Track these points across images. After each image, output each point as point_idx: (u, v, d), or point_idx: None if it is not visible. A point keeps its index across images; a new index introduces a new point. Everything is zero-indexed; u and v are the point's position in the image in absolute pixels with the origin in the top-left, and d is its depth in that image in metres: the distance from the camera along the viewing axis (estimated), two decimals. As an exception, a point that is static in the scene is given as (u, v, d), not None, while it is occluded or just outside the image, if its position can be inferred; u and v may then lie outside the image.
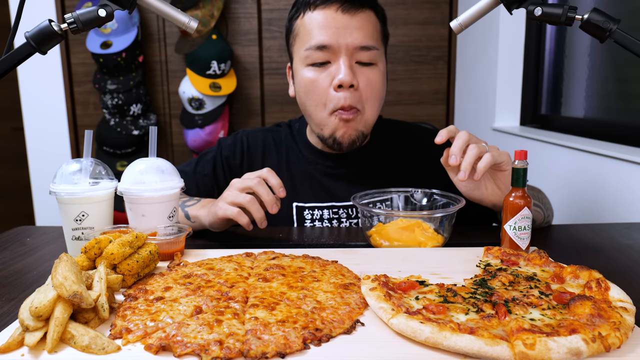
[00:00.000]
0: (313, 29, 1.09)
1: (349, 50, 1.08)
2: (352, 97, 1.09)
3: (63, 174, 0.88)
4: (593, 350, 0.53)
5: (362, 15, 1.10)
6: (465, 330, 0.55)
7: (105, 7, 0.78)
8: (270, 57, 2.91)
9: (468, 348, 0.53)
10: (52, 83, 2.86)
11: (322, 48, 1.08)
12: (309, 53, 1.10)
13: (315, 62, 1.10)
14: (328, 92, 1.10)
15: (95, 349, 0.56)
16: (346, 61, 1.08)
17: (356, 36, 1.08)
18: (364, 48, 1.09)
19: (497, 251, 0.84)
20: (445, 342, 0.55)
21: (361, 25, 1.09)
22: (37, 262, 0.93)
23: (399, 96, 2.93)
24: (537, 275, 0.75)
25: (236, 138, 1.30)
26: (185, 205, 1.12)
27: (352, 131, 1.12)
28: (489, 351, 0.53)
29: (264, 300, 0.67)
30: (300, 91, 1.16)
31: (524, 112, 2.27)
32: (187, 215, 1.10)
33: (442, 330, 0.55)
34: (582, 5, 1.85)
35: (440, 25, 2.87)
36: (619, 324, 0.57)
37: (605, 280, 0.68)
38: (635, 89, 1.62)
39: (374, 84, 1.12)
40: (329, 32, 1.08)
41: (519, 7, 0.80)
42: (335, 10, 1.08)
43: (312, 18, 1.10)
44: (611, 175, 1.43)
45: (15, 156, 3.39)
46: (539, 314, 0.62)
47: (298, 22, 1.13)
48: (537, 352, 0.52)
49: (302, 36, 1.12)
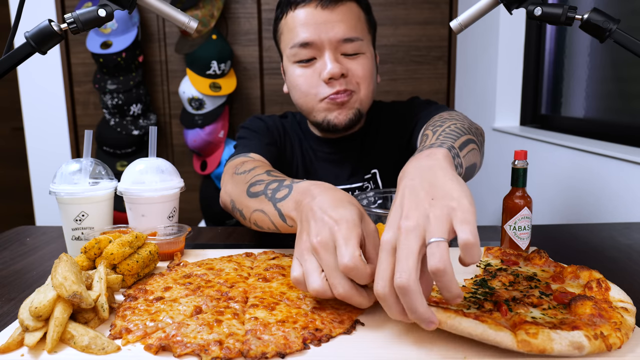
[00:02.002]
0: (296, 27, 1.12)
1: (332, 44, 1.10)
2: (346, 83, 1.12)
3: (63, 174, 0.88)
4: (595, 347, 0.53)
5: (342, 8, 1.11)
6: (469, 316, 0.55)
7: (105, 7, 0.78)
8: (270, 57, 2.91)
9: (472, 329, 0.53)
10: (52, 83, 2.86)
11: (306, 45, 1.11)
12: (294, 51, 1.12)
13: (302, 59, 1.13)
14: (318, 85, 1.12)
15: (95, 349, 0.56)
16: (331, 55, 1.10)
17: (337, 30, 1.10)
18: (347, 40, 1.11)
19: (497, 251, 0.84)
20: (449, 321, 0.54)
21: (342, 18, 1.10)
22: (37, 262, 0.93)
23: (399, 96, 2.93)
24: (537, 275, 0.75)
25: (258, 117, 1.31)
26: (276, 202, 0.82)
27: (348, 111, 1.14)
28: (492, 335, 0.53)
29: (264, 300, 0.67)
30: (290, 87, 1.19)
31: (524, 112, 2.26)
32: (282, 216, 0.80)
33: (447, 312, 0.55)
34: (582, 5, 1.85)
35: (440, 25, 2.87)
36: (620, 324, 0.57)
37: (605, 280, 0.68)
38: (635, 89, 1.62)
39: (364, 67, 1.14)
40: (310, 28, 1.10)
41: (519, 7, 0.79)
42: (315, 7, 1.10)
43: (294, 17, 1.12)
44: (611, 175, 1.43)
45: (15, 156, 3.39)
46: (540, 313, 0.62)
47: (282, 22, 1.16)
48: (540, 341, 0.52)
49: (287, 35, 1.15)
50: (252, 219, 0.90)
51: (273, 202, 0.82)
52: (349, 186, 1.25)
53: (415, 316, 0.53)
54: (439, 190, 0.58)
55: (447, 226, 0.54)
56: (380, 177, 1.25)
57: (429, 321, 0.54)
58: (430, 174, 0.61)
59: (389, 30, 2.85)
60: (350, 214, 0.64)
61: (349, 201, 0.68)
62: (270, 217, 0.84)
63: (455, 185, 0.58)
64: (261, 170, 0.95)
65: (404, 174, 0.65)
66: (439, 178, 0.60)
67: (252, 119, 1.31)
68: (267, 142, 1.22)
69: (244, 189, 0.92)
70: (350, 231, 0.62)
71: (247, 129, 1.27)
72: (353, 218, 0.64)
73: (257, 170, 0.95)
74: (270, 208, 0.83)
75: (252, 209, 0.88)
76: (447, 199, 0.57)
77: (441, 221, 0.55)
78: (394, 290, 0.55)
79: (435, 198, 0.57)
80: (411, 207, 0.57)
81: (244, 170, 0.98)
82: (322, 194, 0.70)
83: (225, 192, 1.01)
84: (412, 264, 0.53)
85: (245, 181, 0.94)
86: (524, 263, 0.80)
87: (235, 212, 0.96)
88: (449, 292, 0.53)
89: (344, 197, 0.69)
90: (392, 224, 0.57)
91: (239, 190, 0.94)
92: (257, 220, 0.88)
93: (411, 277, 0.52)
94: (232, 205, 0.97)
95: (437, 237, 0.53)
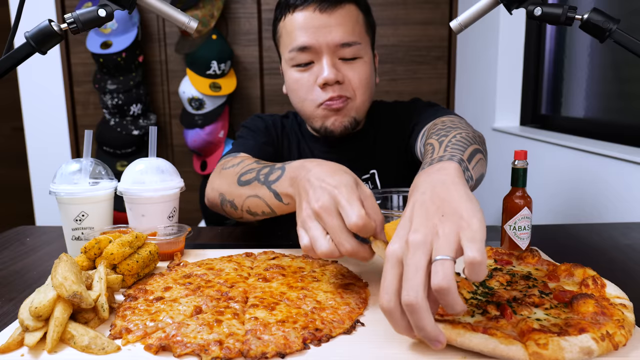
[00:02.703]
0: (294, 30, 1.11)
1: (330, 48, 1.10)
2: (340, 90, 1.12)
3: (63, 174, 0.88)
4: (603, 349, 0.53)
5: (340, 12, 1.10)
6: (478, 330, 0.55)
7: (105, 7, 0.78)
8: (270, 57, 2.91)
9: (483, 345, 0.53)
10: (52, 83, 2.86)
11: (304, 49, 1.10)
12: (292, 55, 1.12)
13: (299, 63, 1.13)
14: (314, 90, 1.13)
15: (95, 349, 0.56)
16: (328, 60, 1.10)
17: (335, 34, 1.09)
18: (345, 45, 1.10)
19: (489, 251, 0.85)
20: (459, 338, 0.54)
21: (340, 22, 1.10)
22: (37, 262, 0.93)
23: (399, 96, 2.93)
24: (532, 274, 0.75)
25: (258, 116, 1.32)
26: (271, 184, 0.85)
27: (343, 118, 1.15)
28: (505, 350, 0.53)
29: (264, 300, 0.67)
30: (288, 90, 1.20)
31: (524, 112, 2.26)
32: (277, 196, 0.84)
33: (456, 328, 0.55)
34: (582, 5, 1.85)
35: (440, 25, 2.87)
36: (623, 322, 0.57)
37: (600, 277, 0.69)
38: (635, 89, 1.62)
39: (361, 75, 1.13)
40: (308, 32, 1.09)
41: (518, 7, 0.79)
42: (313, 11, 1.09)
43: (292, 20, 1.12)
44: (611, 175, 1.43)
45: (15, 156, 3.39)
46: (543, 313, 0.62)
47: (281, 25, 1.16)
48: (551, 351, 0.52)
49: (285, 38, 1.15)
50: (245, 207, 0.92)
51: (267, 185, 0.86)
52: None
53: (422, 334, 0.53)
54: (450, 207, 0.58)
55: (454, 245, 0.53)
56: (379, 177, 1.25)
57: (436, 340, 0.53)
58: (443, 189, 0.61)
59: (389, 30, 2.85)
60: (347, 179, 0.69)
61: (344, 170, 0.72)
62: (265, 200, 0.87)
63: (467, 203, 0.57)
64: (250, 160, 0.99)
65: (415, 187, 0.64)
66: (451, 194, 0.60)
67: (253, 117, 1.32)
68: (263, 141, 1.23)
69: (234, 180, 0.94)
70: (351, 193, 0.66)
71: (246, 127, 1.28)
72: (350, 183, 0.68)
73: (245, 162, 0.98)
74: (265, 191, 0.86)
75: (245, 196, 0.91)
76: (457, 216, 0.56)
77: (449, 239, 0.54)
78: (400, 305, 0.54)
79: (446, 215, 0.57)
80: (421, 222, 0.57)
81: (232, 165, 1.00)
82: (317, 167, 0.73)
83: (213, 188, 1.02)
84: (419, 281, 0.52)
85: (234, 173, 0.96)
86: (517, 262, 0.81)
87: (226, 205, 0.97)
88: (453, 310, 0.52)
89: (338, 166, 0.73)
90: (400, 236, 0.57)
91: (228, 182, 0.96)
92: (250, 206, 0.90)
93: (419, 294, 0.51)
94: (221, 199, 0.98)
95: (443, 255, 0.52)
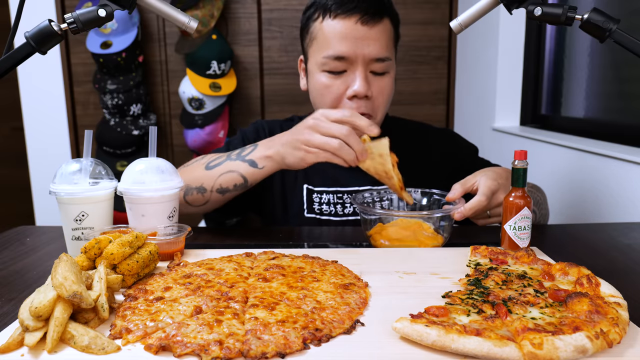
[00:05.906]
0: (332, 38, 1.12)
1: (365, 61, 1.11)
2: (365, 106, 1.13)
3: (63, 174, 0.88)
4: (597, 347, 0.54)
5: (380, 26, 1.12)
6: (471, 332, 0.55)
7: (105, 7, 0.78)
8: (270, 57, 2.91)
9: (477, 350, 0.53)
10: (52, 83, 2.86)
11: (340, 59, 1.11)
12: (326, 61, 1.13)
13: (332, 70, 1.13)
14: (342, 98, 1.14)
15: (95, 349, 0.56)
16: (362, 72, 1.11)
17: (373, 48, 1.11)
18: (379, 60, 1.12)
19: (484, 250, 0.85)
20: (453, 344, 0.54)
21: (378, 37, 1.11)
22: (37, 262, 0.93)
23: (399, 96, 2.93)
24: (527, 274, 0.75)
25: (257, 125, 1.34)
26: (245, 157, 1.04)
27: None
28: (499, 352, 0.53)
29: (264, 300, 0.67)
30: (313, 92, 1.20)
31: (524, 112, 2.26)
32: (253, 163, 1.02)
33: (449, 333, 0.55)
34: (582, 5, 1.85)
35: (440, 25, 2.87)
36: (617, 320, 0.58)
37: (595, 276, 0.69)
38: (635, 89, 1.62)
39: (385, 92, 1.16)
40: (348, 43, 1.10)
41: (519, 7, 0.80)
42: (355, 22, 1.10)
43: (331, 26, 1.12)
44: (611, 175, 1.43)
45: (15, 156, 3.39)
46: (538, 312, 0.62)
47: (316, 26, 1.15)
48: (545, 351, 0.52)
49: (320, 42, 1.14)
50: (215, 186, 1.03)
51: (240, 159, 1.01)
52: (347, 189, 1.25)
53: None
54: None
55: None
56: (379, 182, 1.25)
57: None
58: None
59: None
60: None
61: None
62: (239, 171, 1.02)
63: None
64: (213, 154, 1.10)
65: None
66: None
67: (252, 124, 1.34)
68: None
69: (201, 169, 1.05)
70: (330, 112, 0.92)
71: (240, 132, 1.32)
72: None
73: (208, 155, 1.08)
74: (238, 164, 1.01)
75: (216, 176, 1.03)
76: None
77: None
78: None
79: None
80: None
81: (195, 160, 1.09)
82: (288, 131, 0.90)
83: None
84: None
85: (201, 163, 1.07)
86: (512, 262, 0.81)
87: (191, 193, 1.06)
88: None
89: None
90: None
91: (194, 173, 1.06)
92: (222, 183, 1.02)
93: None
94: (185, 190, 1.05)
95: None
